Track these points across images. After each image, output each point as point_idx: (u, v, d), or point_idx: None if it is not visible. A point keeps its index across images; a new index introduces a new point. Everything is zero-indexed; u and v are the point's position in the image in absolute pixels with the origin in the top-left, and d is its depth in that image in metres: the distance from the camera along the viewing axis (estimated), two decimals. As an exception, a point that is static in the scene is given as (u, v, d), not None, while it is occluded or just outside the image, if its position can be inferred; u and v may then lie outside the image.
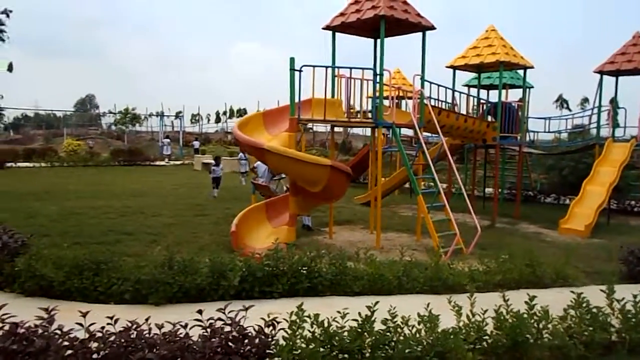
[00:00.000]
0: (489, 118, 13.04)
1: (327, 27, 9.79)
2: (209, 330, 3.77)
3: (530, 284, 6.68)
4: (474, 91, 14.59)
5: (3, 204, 12.07)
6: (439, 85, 10.81)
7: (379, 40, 9.19)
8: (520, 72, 13.99)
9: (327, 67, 8.80)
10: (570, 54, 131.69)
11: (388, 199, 15.63)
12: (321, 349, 3.82)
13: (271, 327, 3.94)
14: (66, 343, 3.45)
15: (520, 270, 6.69)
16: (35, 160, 24.72)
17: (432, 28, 9.51)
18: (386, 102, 9.50)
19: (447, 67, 12.86)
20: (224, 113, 55.33)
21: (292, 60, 8.53)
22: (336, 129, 12.42)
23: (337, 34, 9.99)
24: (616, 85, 13.84)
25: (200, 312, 3.89)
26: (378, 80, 9.01)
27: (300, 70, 8.57)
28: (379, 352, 3.93)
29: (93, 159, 26.12)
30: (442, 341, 3.97)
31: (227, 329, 3.79)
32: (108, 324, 3.75)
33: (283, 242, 8.43)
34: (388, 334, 4.07)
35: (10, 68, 12.56)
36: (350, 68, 8.93)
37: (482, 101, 13.71)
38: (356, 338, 3.93)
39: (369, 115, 9.43)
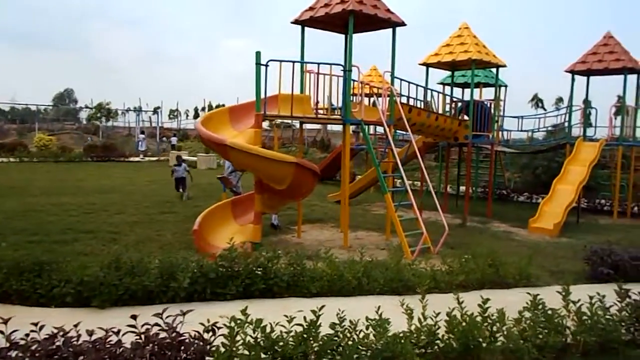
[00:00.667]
0: (463, 117, 13.00)
1: (295, 22, 9.59)
2: (143, 336, 3.57)
3: (493, 284, 6.60)
4: (449, 89, 14.54)
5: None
6: (409, 83, 10.70)
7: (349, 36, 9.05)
8: (494, 70, 13.97)
9: (294, 62, 8.60)
10: (546, 53, 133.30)
11: (362, 197, 15.51)
12: (263, 355, 3.65)
13: (210, 333, 3.75)
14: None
15: (483, 271, 6.60)
16: (3, 155, 24.08)
17: (402, 24, 9.38)
18: (363, 99, 9.33)
19: (420, 64, 12.76)
20: (202, 109, 54.73)
21: (257, 54, 8.31)
22: (315, 127, 12.26)
23: (307, 28, 9.81)
24: (587, 85, 13.91)
25: (134, 317, 3.67)
26: (346, 76, 8.84)
27: (266, 65, 8.35)
28: (325, 358, 3.77)
29: (64, 154, 25.54)
30: (391, 346, 3.82)
31: (163, 335, 3.60)
32: (32, 330, 3.51)
33: (249, 241, 8.28)
34: (336, 338, 3.91)
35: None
36: (318, 63, 8.76)
37: (454, 99, 13.65)
38: (301, 343, 3.77)
39: (338, 112, 9.27)
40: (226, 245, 5.95)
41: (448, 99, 13.63)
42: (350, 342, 3.87)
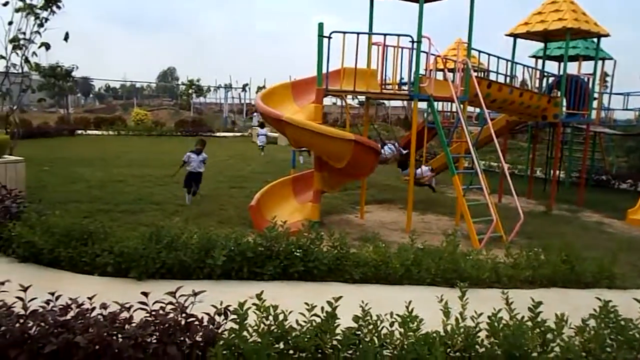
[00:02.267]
0: (557, 93, 11.78)
1: (365, -9, 9.08)
2: (152, 315, 3.45)
3: (567, 282, 5.84)
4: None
5: (56, 169, 12.54)
6: (490, 55, 9.79)
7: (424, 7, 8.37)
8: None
9: (358, 33, 8.12)
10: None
11: (439, 178, 14.73)
12: (275, 345, 3.40)
13: (222, 316, 3.56)
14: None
15: (555, 266, 5.86)
16: (104, 128, 25.84)
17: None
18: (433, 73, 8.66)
19: (506, 35, 11.68)
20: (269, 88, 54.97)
21: (320, 25, 7.95)
22: (399, 104, 11.71)
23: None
24: None
25: (145, 294, 3.57)
26: (416, 48, 8.22)
27: (329, 37, 7.98)
28: (342, 353, 3.44)
29: (157, 129, 26.90)
30: (418, 347, 3.41)
31: (172, 315, 3.46)
32: (48, 300, 3.51)
33: (306, 220, 8.06)
34: (358, 333, 3.57)
35: (66, 38, 12.79)
36: (385, 34, 8.21)
37: (545, 74, 12.38)
38: (317, 335, 3.47)
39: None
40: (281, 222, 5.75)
41: (539, 74, 12.40)
42: (375, 338, 3.52)
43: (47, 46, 12.27)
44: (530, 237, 8.47)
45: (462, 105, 8.71)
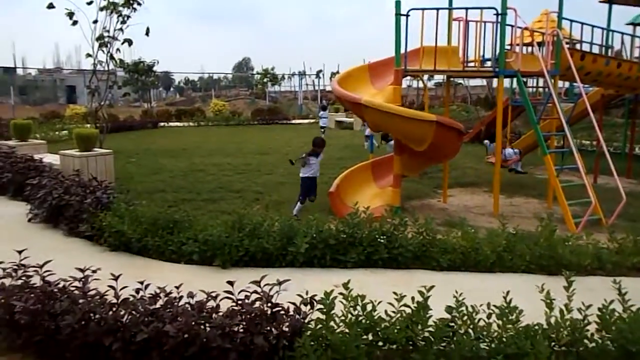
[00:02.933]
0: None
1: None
2: (238, 304, 3.42)
3: (684, 270, 5.25)
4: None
5: (141, 160, 13.12)
6: (583, 24, 8.99)
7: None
8: None
9: (437, 9, 7.72)
10: None
11: (526, 159, 13.92)
12: (363, 337, 3.25)
13: (309, 306, 3.47)
14: (91, 305, 3.34)
15: (668, 252, 5.28)
16: (184, 120, 26.82)
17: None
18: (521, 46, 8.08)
19: (600, 1, 10.71)
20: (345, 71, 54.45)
21: (397, 3, 7.63)
22: (478, 82, 11.13)
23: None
24: None
25: (231, 283, 3.54)
26: (501, 20, 7.69)
27: (407, 15, 7.65)
28: (435, 346, 3.23)
29: (234, 118, 27.54)
30: (518, 340, 3.13)
31: (258, 304, 3.40)
32: (138, 289, 3.58)
33: (388, 205, 7.85)
34: (452, 325, 3.34)
35: (147, 32, 13.31)
36: (466, 8, 7.74)
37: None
38: (407, 326, 3.28)
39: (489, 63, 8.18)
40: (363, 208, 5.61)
41: (638, 42, 11.30)
42: (470, 330, 3.29)
43: (129, 42, 12.81)
44: (634, 219, 7.75)
45: (552, 80, 8.05)
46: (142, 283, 3.60)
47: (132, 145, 16.33)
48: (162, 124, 25.17)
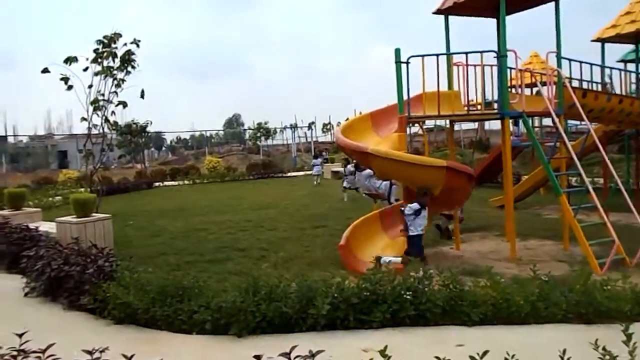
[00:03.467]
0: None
1: (438, 11, 8.67)
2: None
3: None
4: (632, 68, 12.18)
5: (139, 223, 12.78)
6: (581, 62, 9.02)
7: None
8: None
9: (437, 55, 7.69)
10: None
11: (531, 200, 13.78)
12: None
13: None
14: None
15: None
16: (179, 178, 26.62)
17: (567, -7, 7.91)
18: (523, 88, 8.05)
19: (592, 40, 10.85)
20: (346, 120, 55.26)
21: (397, 51, 7.61)
22: (471, 126, 11.10)
23: (451, 17, 8.83)
24: None
25: (258, 357, 3.18)
26: (501, 63, 7.67)
27: (407, 62, 7.61)
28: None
29: (230, 174, 27.40)
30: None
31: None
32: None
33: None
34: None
35: (142, 95, 13.23)
36: (466, 52, 7.74)
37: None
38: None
39: (494, 105, 8.11)
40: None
41: (634, 79, 11.38)
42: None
43: (124, 104, 12.73)
44: (657, 257, 7.47)
45: (557, 119, 7.96)
46: (157, 363, 3.23)
47: (128, 208, 15.99)
48: (157, 183, 24.94)
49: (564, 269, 6.93)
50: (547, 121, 14.24)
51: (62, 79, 11.68)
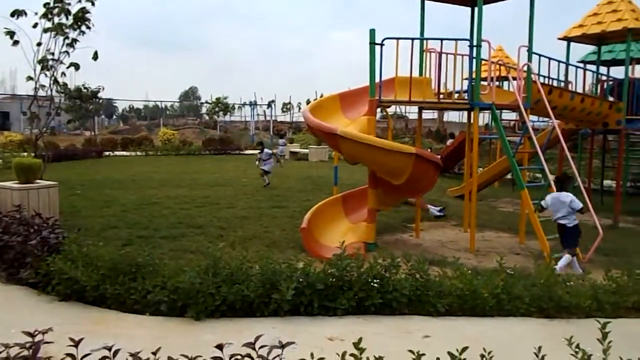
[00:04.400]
0: (610, 98, 11.03)
1: (414, -5, 8.50)
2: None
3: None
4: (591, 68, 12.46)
5: (87, 192, 12.14)
6: (550, 59, 9.10)
7: (476, 9, 7.80)
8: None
9: (412, 39, 7.54)
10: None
11: (486, 192, 14.00)
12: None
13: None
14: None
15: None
16: (132, 149, 25.63)
17: (543, -12, 7.90)
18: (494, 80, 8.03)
19: (559, 39, 10.98)
20: (315, 100, 54.82)
21: (372, 32, 7.38)
22: (431, 116, 11.06)
23: (427, 2, 8.68)
24: None
25: (220, 347, 2.94)
26: (475, 53, 7.59)
27: (381, 44, 7.41)
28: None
29: (185, 148, 26.63)
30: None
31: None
32: (105, 357, 2.91)
33: (361, 241, 7.43)
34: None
35: (95, 57, 12.45)
36: (442, 39, 7.60)
37: (603, 78, 11.62)
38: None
39: (464, 95, 8.05)
40: (337, 245, 5.15)
41: (595, 79, 11.64)
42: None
43: (76, 66, 11.95)
44: (608, 254, 7.69)
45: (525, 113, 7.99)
46: (110, 350, 2.93)
47: (75, 176, 15.22)
48: (107, 153, 23.93)
49: (518, 260, 7.04)
50: (504, 115, 14.42)
51: (7, 33, 10.80)
